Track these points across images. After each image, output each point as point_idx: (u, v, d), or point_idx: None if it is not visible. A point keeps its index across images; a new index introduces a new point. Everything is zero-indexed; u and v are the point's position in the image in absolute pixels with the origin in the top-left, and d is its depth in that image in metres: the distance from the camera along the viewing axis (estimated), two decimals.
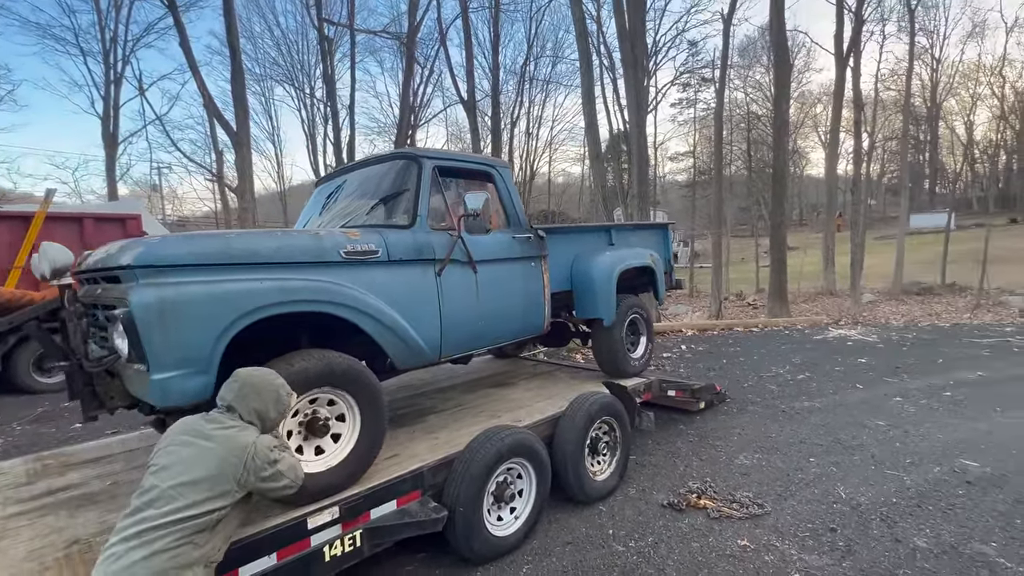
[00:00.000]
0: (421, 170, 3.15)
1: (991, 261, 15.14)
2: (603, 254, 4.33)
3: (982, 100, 40.33)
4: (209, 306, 2.09)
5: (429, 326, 2.91)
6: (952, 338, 9.34)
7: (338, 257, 2.57)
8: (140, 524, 1.56)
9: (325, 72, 20.54)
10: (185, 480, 1.63)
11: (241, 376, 1.94)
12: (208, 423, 1.81)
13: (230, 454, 1.71)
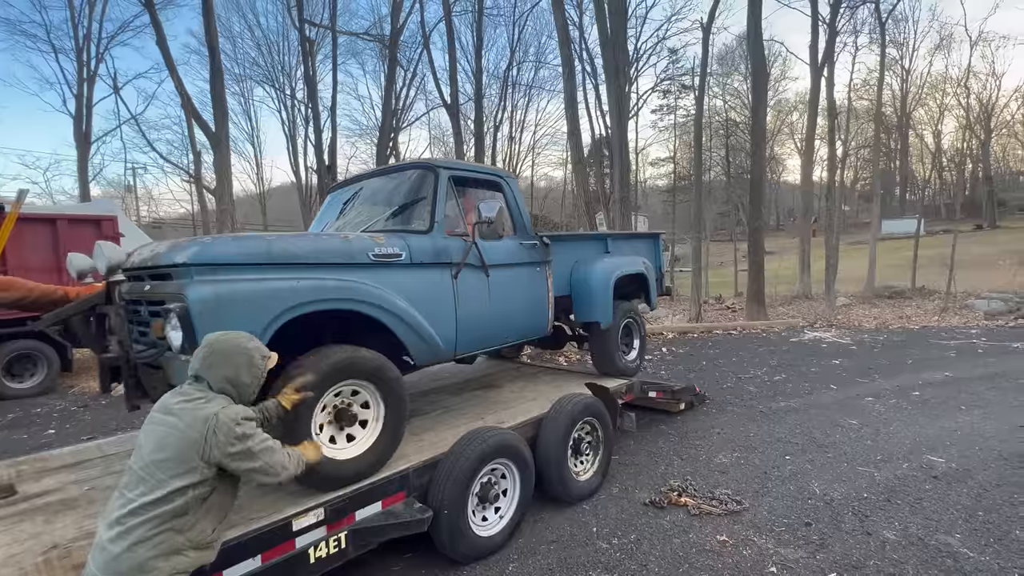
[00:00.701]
0: (438, 179, 3.36)
1: (958, 266, 15.68)
2: (601, 261, 4.57)
3: (949, 110, 41.82)
4: (256, 302, 2.26)
5: (446, 325, 3.10)
6: (921, 340, 9.65)
7: (367, 259, 2.77)
8: (121, 509, 1.54)
9: (306, 73, 20.37)
10: (153, 460, 1.57)
11: (209, 341, 1.80)
12: (173, 397, 1.71)
13: (190, 428, 1.58)
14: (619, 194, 13.74)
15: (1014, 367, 7.10)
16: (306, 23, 20.10)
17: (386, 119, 20.71)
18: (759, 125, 14.80)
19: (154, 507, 1.51)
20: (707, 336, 11.37)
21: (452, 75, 19.85)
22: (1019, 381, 6.34)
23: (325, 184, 20.45)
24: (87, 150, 20.39)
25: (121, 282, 2.80)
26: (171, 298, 2.18)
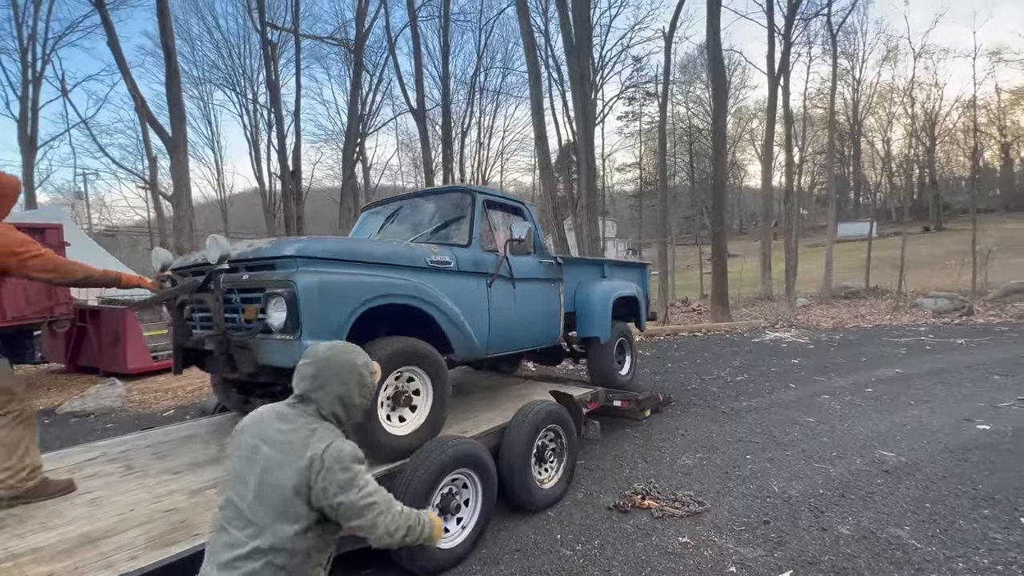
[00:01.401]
0: (475, 202, 3.92)
1: (908, 267, 16.43)
2: (600, 283, 5.24)
3: (897, 119, 43.94)
4: (345, 292, 2.69)
5: (481, 326, 3.57)
6: (874, 338, 10.05)
7: (425, 264, 3.27)
8: (230, 551, 1.36)
9: (269, 77, 19.92)
10: (258, 499, 1.39)
11: (317, 355, 1.58)
12: (278, 421, 1.50)
13: (294, 470, 1.39)
14: (586, 199, 13.88)
15: (958, 362, 7.46)
16: (268, 26, 19.68)
17: (352, 124, 20.45)
18: (720, 132, 15.22)
19: (267, 554, 1.35)
20: (673, 338, 11.57)
21: (418, 80, 19.76)
22: (963, 376, 6.66)
23: (289, 190, 20.01)
24: (33, 155, 19.41)
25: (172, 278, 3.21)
26: (276, 284, 2.57)
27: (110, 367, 7.84)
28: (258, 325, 2.71)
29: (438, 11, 21.90)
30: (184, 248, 14.90)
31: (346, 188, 20.63)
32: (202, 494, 2.53)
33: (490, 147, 32.60)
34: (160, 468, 2.92)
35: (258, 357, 2.70)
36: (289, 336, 2.52)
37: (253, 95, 26.35)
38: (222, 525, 1.42)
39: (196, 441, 3.40)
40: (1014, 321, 11.39)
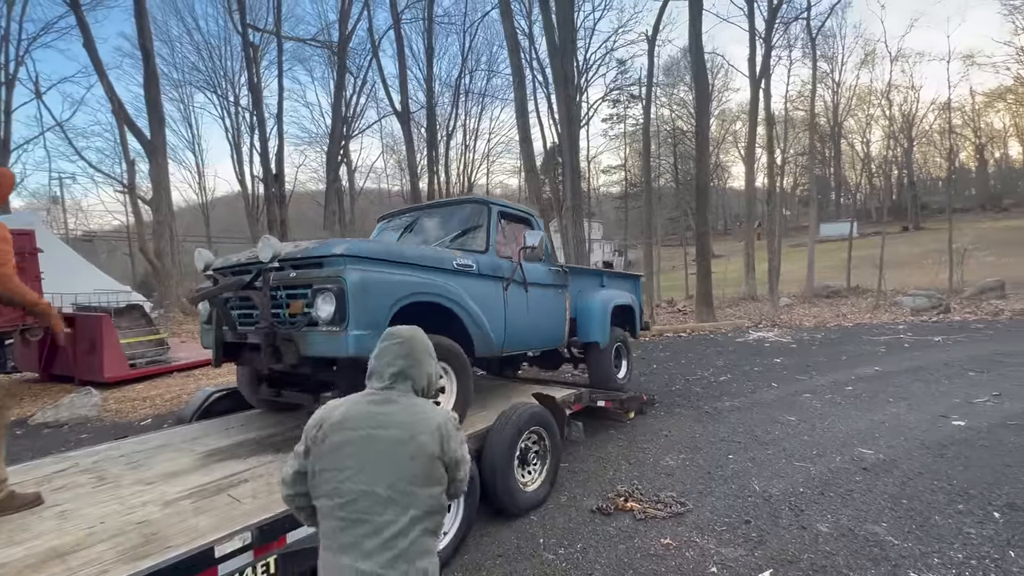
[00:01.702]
0: (490, 212, 4.24)
1: (887, 266, 16.74)
2: (600, 292, 5.58)
3: (875, 121, 44.79)
4: (386, 289, 2.99)
5: (497, 325, 3.87)
6: (855, 337, 10.21)
7: (452, 267, 3.58)
8: (376, 536, 1.38)
9: (250, 80, 19.74)
10: (400, 477, 1.42)
11: (405, 335, 1.62)
12: (380, 407, 1.51)
13: (426, 438, 1.46)
14: (571, 201, 13.94)
15: (935, 359, 7.61)
16: (249, 28, 19.50)
17: (336, 126, 20.33)
18: (703, 134, 15.39)
19: (422, 520, 1.42)
20: (658, 339, 11.64)
21: (402, 83, 19.71)
22: (940, 373, 6.79)
23: (272, 194, 19.81)
24: (6, 158, 18.99)
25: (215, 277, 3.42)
26: (325, 281, 2.83)
27: (85, 376, 7.66)
28: (303, 319, 2.98)
29: (422, 13, 21.88)
30: (164, 253, 14.67)
31: (330, 191, 20.48)
32: (176, 505, 2.48)
33: (475, 149, 32.63)
34: (134, 479, 2.85)
35: (302, 349, 2.93)
36: (336, 328, 2.79)
37: (235, 97, 26.09)
38: (357, 519, 1.41)
39: (172, 450, 3.33)
40: (989, 318, 11.66)
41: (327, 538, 1.45)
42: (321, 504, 1.48)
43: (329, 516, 1.46)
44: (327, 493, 1.46)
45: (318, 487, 1.48)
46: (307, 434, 1.53)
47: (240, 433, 3.60)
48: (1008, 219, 38.34)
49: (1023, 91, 27.71)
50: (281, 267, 3.09)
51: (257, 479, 2.75)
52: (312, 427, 1.52)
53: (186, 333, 13.26)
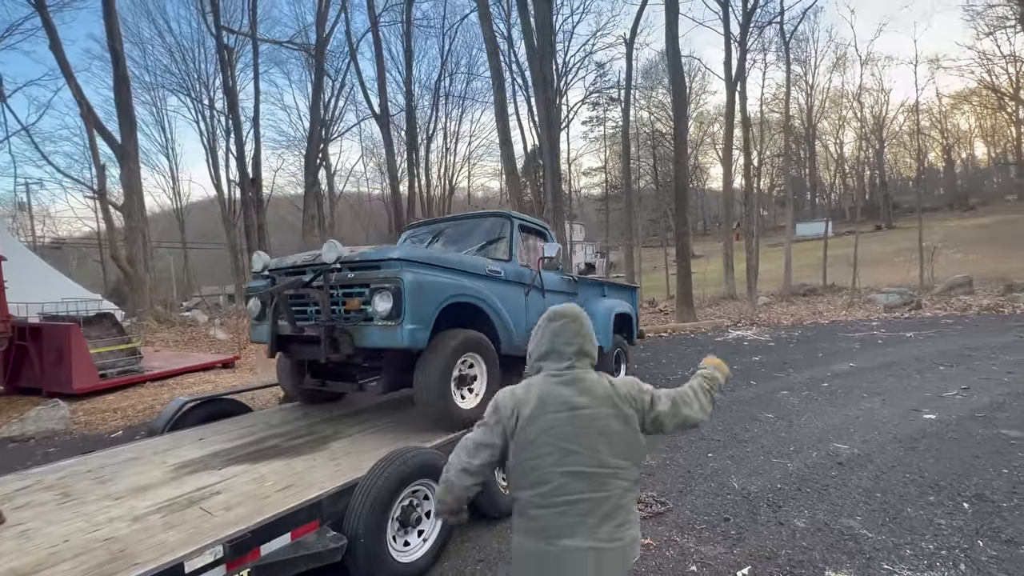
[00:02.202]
0: (512, 225, 4.74)
1: (861, 264, 17.15)
2: (603, 300, 6.19)
3: (848, 122, 45.92)
4: (434, 289, 3.41)
5: (520, 326, 4.24)
6: (831, 334, 10.42)
7: (485, 272, 4.02)
8: (595, 512, 1.41)
9: (225, 83, 19.41)
10: (610, 452, 1.45)
11: (574, 314, 1.63)
12: (571, 387, 1.51)
13: (625, 409, 1.49)
14: (552, 203, 13.98)
15: (908, 355, 7.80)
16: (224, 30, 19.20)
17: (314, 130, 20.10)
18: (681, 136, 15.58)
19: (630, 491, 1.49)
20: (639, 340, 11.69)
21: (381, 86, 19.58)
22: (911, 368, 6.96)
23: (249, 198, 19.49)
24: None
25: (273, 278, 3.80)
26: (383, 281, 3.24)
27: (53, 387, 7.42)
28: (358, 315, 3.36)
29: (400, 16, 21.80)
30: (137, 260, 14.32)
31: (309, 195, 20.23)
32: (145, 520, 2.40)
33: (456, 152, 32.58)
34: (101, 494, 2.76)
35: (357, 341, 3.35)
36: (391, 323, 3.20)
37: (210, 100, 25.64)
38: (575, 500, 1.42)
39: (142, 462, 3.24)
40: (958, 314, 12.01)
41: (538, 526, 1.44)
42: (526, 495, 1.46)
43: (539, 505, 1.44)
44: (534, 482, 1.44)
45: (521, 477, 1.46)
46: (500, 424, 1.50)
47: (214, 443, 3.51)
48: (975, 217, 39.61)
49: (987, 93, 28.69)
50: (339, 269, 3.46)
51: (231, 490, 2.68)
52: (505, 417, 1.49)
53: (160, 341, 12.96)
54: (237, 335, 13.30)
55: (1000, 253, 22.90)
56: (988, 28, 21.60)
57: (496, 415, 1.52)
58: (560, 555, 1.40)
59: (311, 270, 3.57)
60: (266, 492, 2.62)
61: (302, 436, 3.60)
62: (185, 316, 16.76)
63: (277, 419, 4.12)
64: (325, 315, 3.39)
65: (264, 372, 9.90)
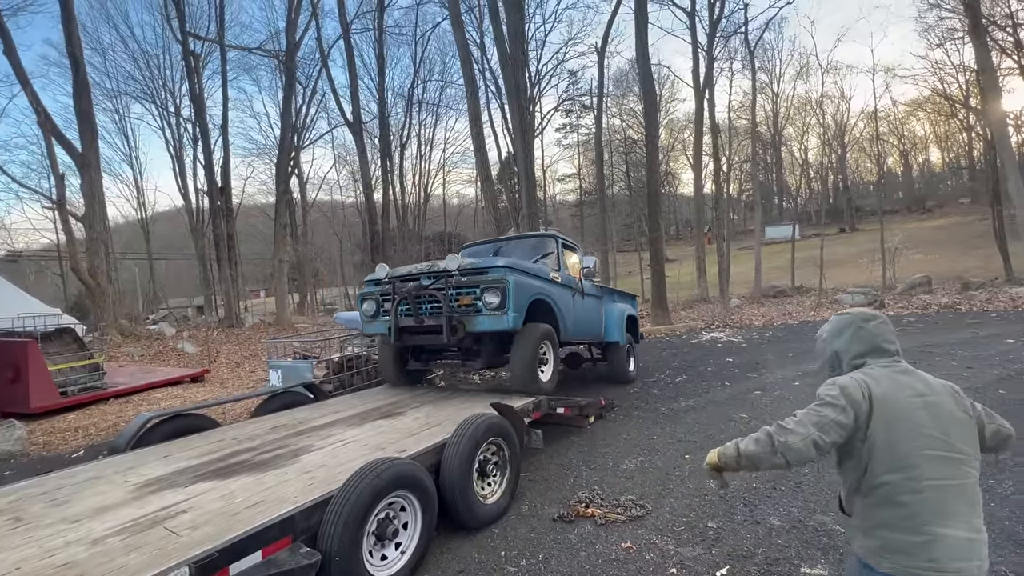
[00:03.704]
0: (558, 242, 6.14)
1: (827, 265, 17.66)
2: (616, 304, 7.47)
3: (811, 129, 47.35)
4: (528, 287, 4.68)
5: (569, 321, 5.57)
6: (800, 334, 10.68)
7: (549, 278, 5.33)
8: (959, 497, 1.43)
9: (192, 90, 18.95)
10: (960, 439, 1.48)
11: (881, 315, 1.71)
12: (911, 375, 1.57)
13: (959, 399, 1.54)
14: (527, 209, 14.03)
15: None
16: (190, 36, 18.77)
17: (285, 137, 19.77)
18: (652, 143, 15.84)
19: (977, 477, 1.48)
20: None
21: (354, 93, 19.42)
22: None
23: (218, 207, 19.03)
24: None
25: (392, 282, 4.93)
26: (493, 282, 4.43)
27: (9, 407, 7.06)
28: (469, 308, 4.56)
29: (372, 23, 21.68)
30: (99, 272, 13.80)
31: (281, 204, 19.86)
32: (104, 543, 2.28)
33: (431, 159, 32.45)
34: (57, 517, 2.62)
35: (468, 327, 4.54)
36: (498, 312, 4.42)
37: (176, 108, 24.98)
38: (944, 486, 1.43)
39: (103, 482, 3.09)
40: (919, 312, 12.45)
41: (908, 514, 1.43)
42: (891, 479, 1.45)
43: (907, 490, 1.44)
44: (902, 466, 1.44)
45: (884, 461, 1.47)
46: (852, 407, 1.50)
47: (180, 460, 3.38)
48: (932, 219, 41.26)
49: (940, 101, 30.00)
50: (459, 274, 4.63)
51: (198, 508, 2.58)
52: (856, 400, 1.50)
53: (125, 356, 12.50)
54: (207, 348, 12.92)
55: (956, 253, 23.91)
56: (939, 39, 22.64)
57: (847, 398, 1.51)
58: (938, 541, 1.40)
59: (429, 276, 4.74)
60: (235, 509, 2.53)
61: (273, 450, 3.49)
62: (152, 329, 16.21)
63: (247, 433, 4.00)
64: (446, 309, 4.55)
65: (236, 385, 9.63)
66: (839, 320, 1.75)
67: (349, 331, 7.75)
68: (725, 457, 1.69)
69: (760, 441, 1.58)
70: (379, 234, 21.24)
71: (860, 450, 1.50)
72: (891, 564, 1.44)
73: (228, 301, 18.52)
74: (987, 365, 6.59)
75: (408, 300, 4.75)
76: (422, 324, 4.70)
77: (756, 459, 1.59)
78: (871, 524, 1.50)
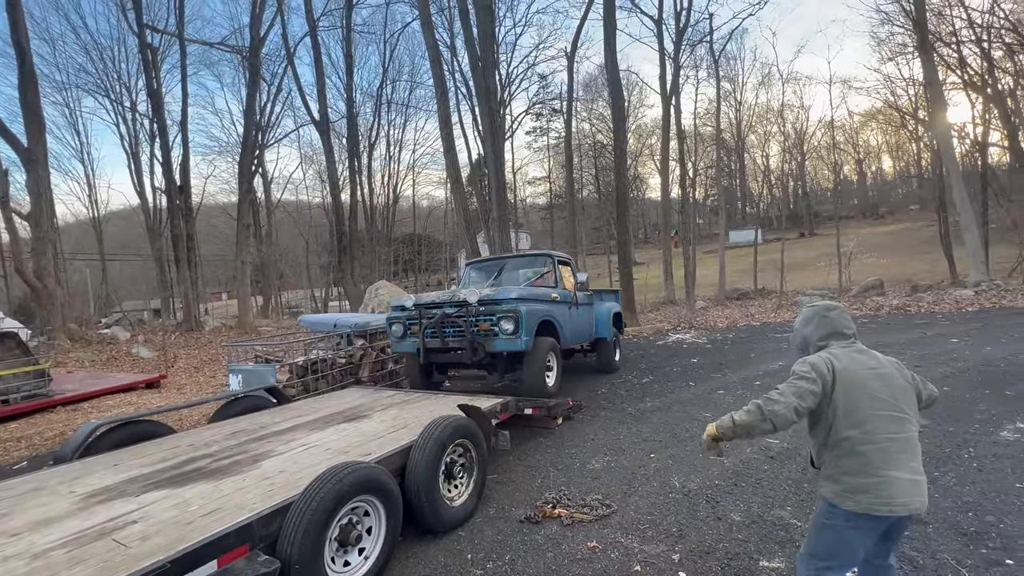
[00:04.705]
0: (554, 260, 6.94)
1: (787, 268, 18.27)
2: (604, 303, 8.31)
3: (772, 136, 49.03)
4: (536, 313, 5.52)
5: (567, 330, 6.38)
6: (762, 335, 11.00)
7: (550, 299, 6.06)
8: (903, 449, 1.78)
9: (149, 84, 18.25)
10: (905, 401, 1.85)
11: (839, 304, 2.10)
12: (864, 354, 1.94)
13: (903, 373, 1.93)
14: (497, 212, 14.03)
15: None
16: (147, 29, 18.08)
17: (249, 135, 19.24)
18: (621, 148, 16.07)
19: (917, 431, 1.85)
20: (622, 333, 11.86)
21: (320, 91, 19.06)
22: None
23: (176, 207, 18.36)
24: None
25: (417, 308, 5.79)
26: (507, 312, 5.26)
27: None
28: (488, 333, 5.37)
29: (340, 21, 21.35)
30: (46, 273, 13.12)
31: (244, 203, 19.30)
32: (47, 556, 2.16)
33: (400, 160, 32.13)
34: None
35: (487, 348, 5.39)
36: (513, 336, 5.24)
37: (132, 103, 24.00)
38: (893, 438, 1.78)
39: (46, 493, 2.93)
40: (872, 313, 13.01)
41: (865, 461, 1.76)
42: (852, 434, 1.79)
43: (864, 442, 1.77)
44: (859, 423, 1.79)
45: (845, 420, 1.81)
46: (822, 377, 1.84)
47: (131, 468, 3.23)
48: (884, 225, 43.19)
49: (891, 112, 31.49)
50: (478, 304, 5.40)
51: (149, 518, 2.47)
52: (824, 372, 1.85)
53: (74, 362, 11.91)
54: (164, 352, 12.43)
55: (906, 257, 25.09)
56: (890, 53, 23.74)
57: (815, 371, 1.86)
58: (888, 483, 1.73)
59: (452, 305, 5.57)
60: (189, 518, 2.44)
61: (232, 456, 3.38)
62: (104, 333, 15.49)
63: (205, 439, 3.86)
64: (468, 333, 5.40)
65: (194, 391, 9.29)
66: (807, 311, 2.11)
67: (314, 334, 7.58)
68: (722, 428, 2.01)
69: (751, 412, 1.90)
70: (347, 235, 20.87)
71: (827, 413, 1.85)
72: (852, 502, 1.77)
73: (187, 304, 17.88)
74: (933, 363, 6.93)
75: (434, 325, 5.56)
76: (446, 346, 5.58)
77: (749, 427, 1.91)
78: (836, 472, 1.83)
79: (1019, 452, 3.94)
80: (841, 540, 1.83)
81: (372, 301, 10.04)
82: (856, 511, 1.76)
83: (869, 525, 1.78)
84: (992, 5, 18.00)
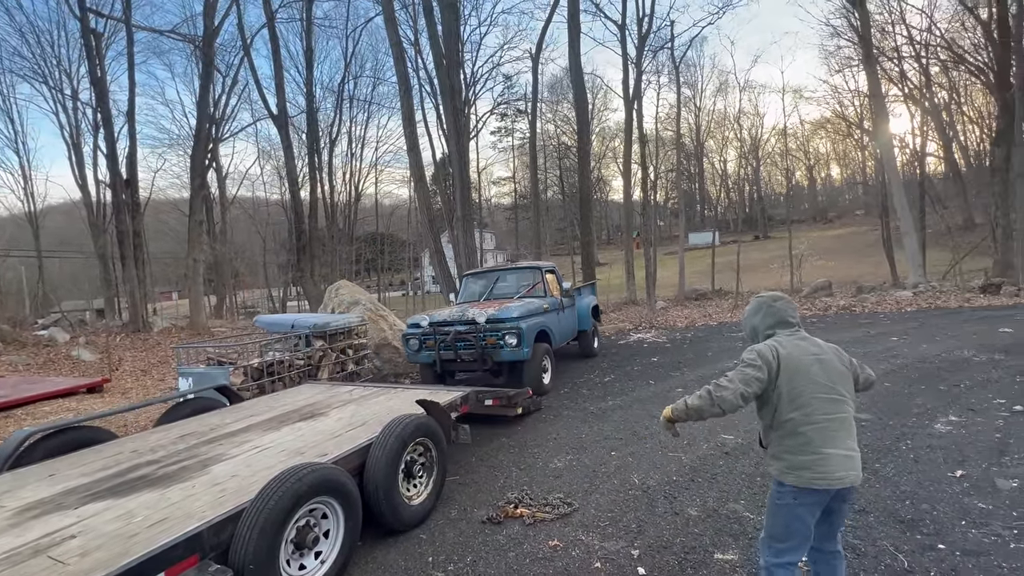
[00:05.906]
0: (543, 272, 8.10)
1: (743, 270, 18.91)
2: (584, 298, 9.40)
3: (729, 142, 50.70)
4: (534, 327, 6.63)
5: (556, 333, 7.35)
6: (719, 334, 11.35)
7: (542, 311, 7.10)
8: (843, 428, 1.94)
9: (92, 72, 17.27)
10: (843, 384, 2.00)
11: (784, 295, 2.22)
12: (806, 342, 2.06)
13: (842, 358, 2.08)
14: (461, 212, 13.95)
15: None
16: (91, 13, 17.11)
17: (202, 128, 18.49)
18: (584, 149, 16.29)
19: (852, 411, 2.01)
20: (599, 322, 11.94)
21: (279, 84, 18.50)
22: None
23: (122, 201, 17.46)
24: None
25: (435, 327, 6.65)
26: (511, 328, 6.25)
27: None
28: (494, 346, 6.27)
29: (300, 14, 20.77)
30: None
31: (196, 199, 18.52)
32: None
33: (363, 158, 31.51)
34: None
35: (495, 358, 6.31)
36: (516, 348, 6.20)
37: (73, 91, 22.66)
38: (831, 419, 1.93)
39: None
40: (821, 313, 13.62)
41: (805, 440, 1.91)
42: (793, 416, 1.93)
43: (804, 423, 1.92)
44: (800, 406, 1.93)
45: (788, 404, 1.94)
46: (767, 365, 1.97)
47: (69, 479, 3.04)
48: (833, 229, 45.35)
49: (838, 122, 33.14)
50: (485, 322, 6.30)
51: (89, 532, 2.33)
52: (769, 359, 1.97)
53: (6, 365, 11.15)
54: (107, 355, 11.78)
55: (852, 260, 26.41)
56: (838, 66, 24.99)
57: (762, 359, 1.98)
58: (828, 459, 1.88)
59: (462, 324, 6.46)
60: (134, 530, 2.32)
61: (180, 461, 3.23)
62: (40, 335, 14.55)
63: (150, 444, 3.68)
64: (477, 347, 6.31)
65: (141, 395, 8.85)
66: (755, 302, 2.26)
67: (270, 335, 7.35)
68: (677, 411, 2.17)
69: (702, 397, 2.05)
70: (306, 233, 20.32)
71: (772, 397, 1.99)
72: (795, 478, 1.93)
73: (134, 303, 17.01)
74: (875, 360, 7.31)
75: (448, 341, 6.47)
76: (459, 357, 6.52)
77: (700, 410, 2.06)
78: (780, 450, 1.99)
79: (951, 443, 4.20)
80: (794, 518, 1.96)
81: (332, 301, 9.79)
82: (799, 486, 1.92)
83: (812, 499, 1.93)
84: (930, 24, 19.17)
